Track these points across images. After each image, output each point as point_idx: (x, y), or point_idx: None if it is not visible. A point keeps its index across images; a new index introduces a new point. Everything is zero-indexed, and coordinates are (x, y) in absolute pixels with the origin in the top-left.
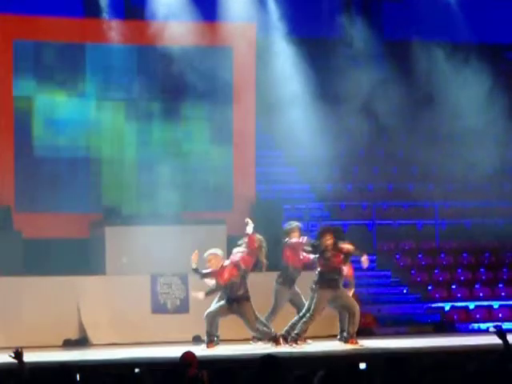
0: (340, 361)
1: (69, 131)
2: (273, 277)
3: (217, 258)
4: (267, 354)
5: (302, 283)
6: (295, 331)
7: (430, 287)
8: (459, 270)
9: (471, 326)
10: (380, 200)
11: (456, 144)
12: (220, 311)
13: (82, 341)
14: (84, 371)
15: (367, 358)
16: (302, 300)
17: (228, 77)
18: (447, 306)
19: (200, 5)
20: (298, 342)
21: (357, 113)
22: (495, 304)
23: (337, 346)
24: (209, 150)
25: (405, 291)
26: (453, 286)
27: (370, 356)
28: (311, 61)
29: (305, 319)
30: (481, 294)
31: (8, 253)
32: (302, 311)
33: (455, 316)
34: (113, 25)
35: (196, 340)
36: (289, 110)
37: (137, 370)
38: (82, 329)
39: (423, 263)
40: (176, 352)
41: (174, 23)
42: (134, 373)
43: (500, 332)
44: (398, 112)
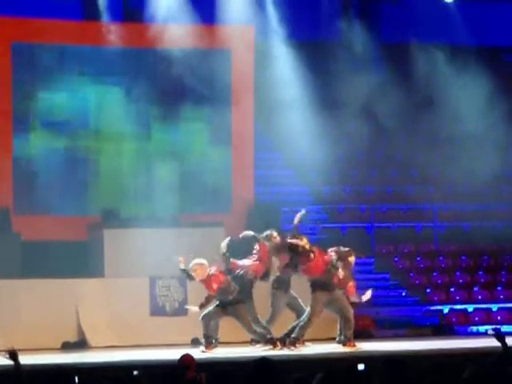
0: (338, 363)
1: (67, 133)
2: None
3: (202, 268)
4: (261, 357)
5: (302, 287)
6: (293, 334)
7: (429, 290)
8: (458, 273)
9: (470, 329)
10: (379, 203)
11: (455, 147)
12: (215, 313)
13: (81, 343)
14: (82, 374)
15: (366, 361)
16: (300, 304)
17: (227, 79)
18: (446, 309)
19: (199, 7)
20: (297, 345)
21: (356, 116)
22: (494, 307)
23: (335, 349)
24: (208, 152)
25: (403, 294)
26: (451, 289)
27: (369, 358)
28: (310, 64)
29: (302, 323)
30: (479, 297)
31: (6, 255)
32: (303, 316)
33: (454, 319)
34: (111, 27)
35: (194, 342)
36: (288, 113)
37: (135, 373)
38: (81, 331)
39: (422, 266)
40: (174, 354)
41: (173, 26)
42: (133, 375)
43: (499, 335)
44: (397, 115)
